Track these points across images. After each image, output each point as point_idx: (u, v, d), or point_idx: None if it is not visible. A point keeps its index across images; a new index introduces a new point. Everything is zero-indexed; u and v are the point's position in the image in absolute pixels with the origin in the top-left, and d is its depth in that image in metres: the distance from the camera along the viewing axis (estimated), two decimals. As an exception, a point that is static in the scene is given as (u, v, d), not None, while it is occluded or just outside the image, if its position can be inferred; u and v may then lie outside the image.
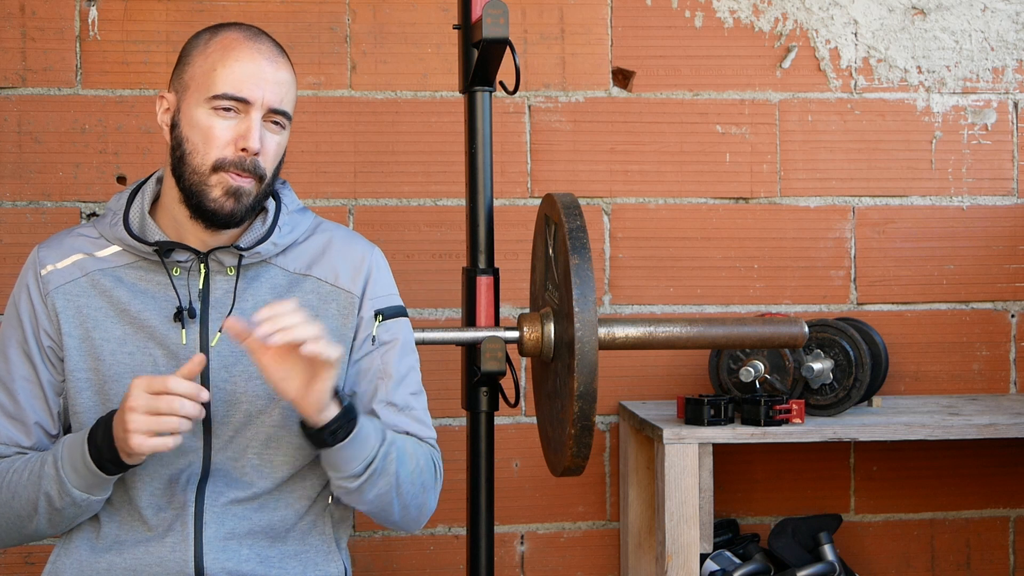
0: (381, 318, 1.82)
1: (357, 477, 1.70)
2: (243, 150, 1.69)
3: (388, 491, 1.74)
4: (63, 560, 1.77)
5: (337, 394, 1.65)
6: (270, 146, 1.73)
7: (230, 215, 1.71)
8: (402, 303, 1.87)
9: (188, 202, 1.72)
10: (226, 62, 1.70)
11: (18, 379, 1.75)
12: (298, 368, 1.61)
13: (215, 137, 1.69)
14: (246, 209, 1.72)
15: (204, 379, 1.74)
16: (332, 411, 1.64)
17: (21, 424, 1.75)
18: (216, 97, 1.69)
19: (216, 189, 1.69)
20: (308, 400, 1.62)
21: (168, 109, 1.75)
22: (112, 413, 1.63)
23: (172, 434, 1.58)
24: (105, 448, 1.62)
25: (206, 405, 1.74)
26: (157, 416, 1.56)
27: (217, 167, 1.69)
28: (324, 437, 1.66)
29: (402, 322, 1.85)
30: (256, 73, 1.71)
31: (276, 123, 1.74)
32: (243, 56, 1.71)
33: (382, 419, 1.80)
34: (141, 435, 1.56)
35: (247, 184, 1.71)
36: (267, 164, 1.73)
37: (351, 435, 1.67)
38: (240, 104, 1.70)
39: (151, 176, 1.82)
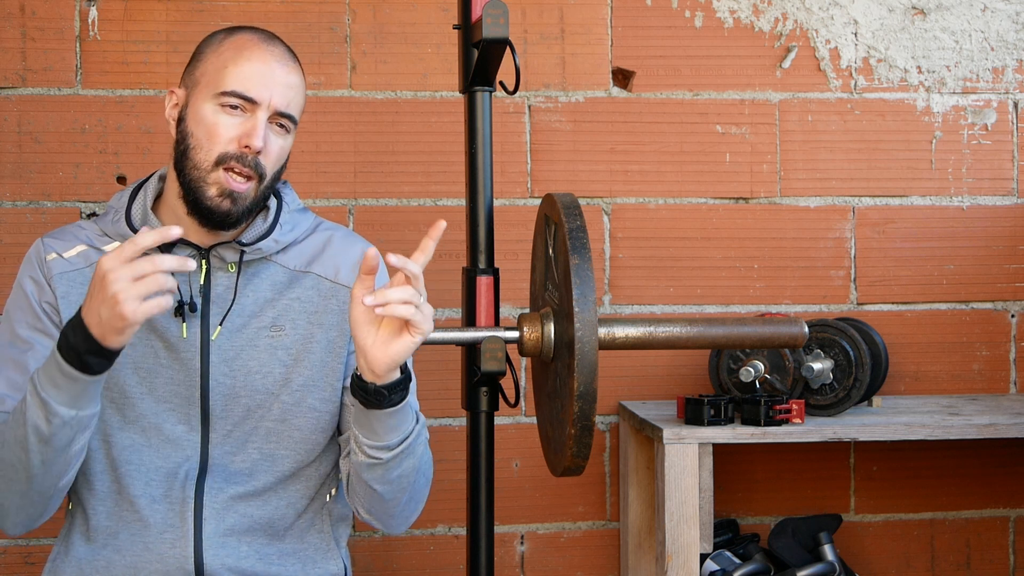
0: None
1: (391, 449, 1.68)
2: (246, 147, 1.70)
3: (410, 473, 1.73)
4: (62, 558, 1.77)
5: None
6: (273, 147, 1.74)
7: (226, 215, 1.72)
8: None
9: (187, 198, 1.73)
10: (238, 61, 1.71)
11: (40, 358, 1.72)
12: (387, 324, 1.58)
13: (219, 133, 1.70)
14: (243, 211, 1.73)
15: (204, 374, 1.74)
16: (397, 373, 1.63)
17: None
18: (224, 94, 1.70)
19: (213, 188, 1.70)
20: (385, 357, 1.58)
21: (176, 104, 1.77)
22: (74, 318, 1.54)
23: (162, 293, 1.48)
24: (81, 344, 1.52)
25: (204, 400, 1.75)
26: (142, 278, 1.47)
27: (219, 162, 1.70)
28: (381, 397, 1.62)
29: None
30: (266, 74, 1.71)
31: (281, 126, 1.75)
32: (255, 57, 1.72)
33: None
34: (134, 301, 1.46)
35: (244, 188, 1.71)
36: (268, 164, 1.73)
37: (403, 402, 1.65)
38: (247, 103, 1.71)
39: (153, 174, 1.83)
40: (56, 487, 1.67)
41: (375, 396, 1.62)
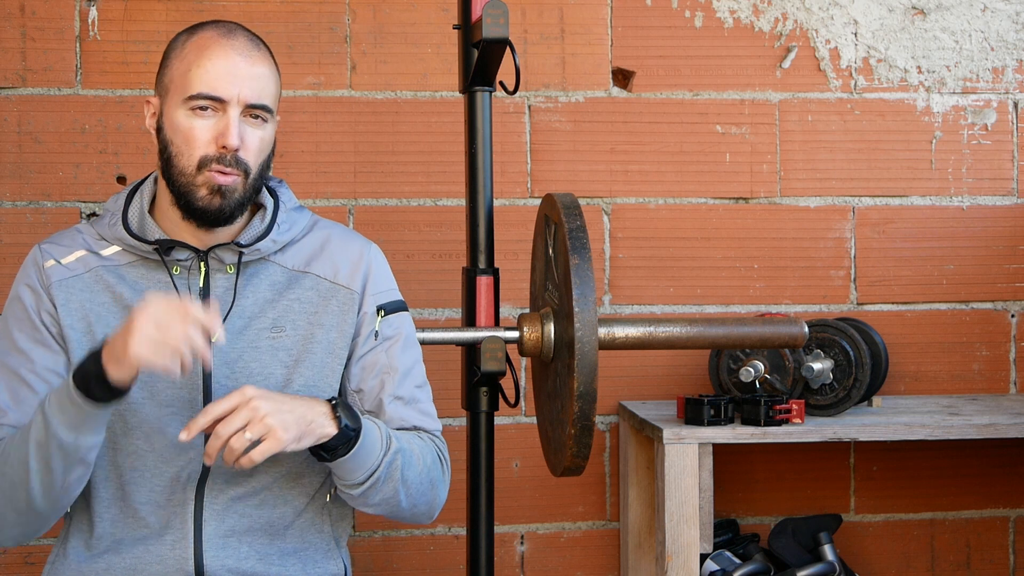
0: (383, 313, 1.83)
1: (360, 485, 1.72)
2: (223, 147, 1.70)
3: (394, 495, 1.76)
4: (61, 560, 1.77)
5: (336, 410, 1.66)
6: (252, 141, 1.73)
7: (219, 211, 1.71)
8: (402, 297, 1.88)
9: (179, 203, 1.73)
10: (200, 62, 1.71)
11: (40, 369, 1.72)
12: None
13: (195, 138, 1.70)
14: (234, 205, 1.72)
15: (206, 377, 1.74)
16: (329, 431, 1.66)
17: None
18: (192, 98, 1.70)
19: (202, 188, 1.70)
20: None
21: (154, 113, 1.77)
22: (97, 345, 1.59)
23: (174, 357, 1.52)
24: (91, 368, 1.56)
25: (206, 403, 1.74)
26: (165, 329, 1.52)
27: (202, 165, 1.70)
28: (322, 455, 1.68)
29: (403, 316, 1.86)
30: (230, 71, 1.71)
31: (256, 117, 1.74)
32: (216, 55, 1.71)
33: (390, 413, 1.82)
34: (144, 343, 1.51)
35: (231, 182, 1.71)
36: (250, 159, 1.73)
37: (352, 451, 1.68)
38: (216, 103, 1.70)
39: (148, 176, 1.83)
40: (54, 509, 1.69)
41: (317, 454, 1.69)
